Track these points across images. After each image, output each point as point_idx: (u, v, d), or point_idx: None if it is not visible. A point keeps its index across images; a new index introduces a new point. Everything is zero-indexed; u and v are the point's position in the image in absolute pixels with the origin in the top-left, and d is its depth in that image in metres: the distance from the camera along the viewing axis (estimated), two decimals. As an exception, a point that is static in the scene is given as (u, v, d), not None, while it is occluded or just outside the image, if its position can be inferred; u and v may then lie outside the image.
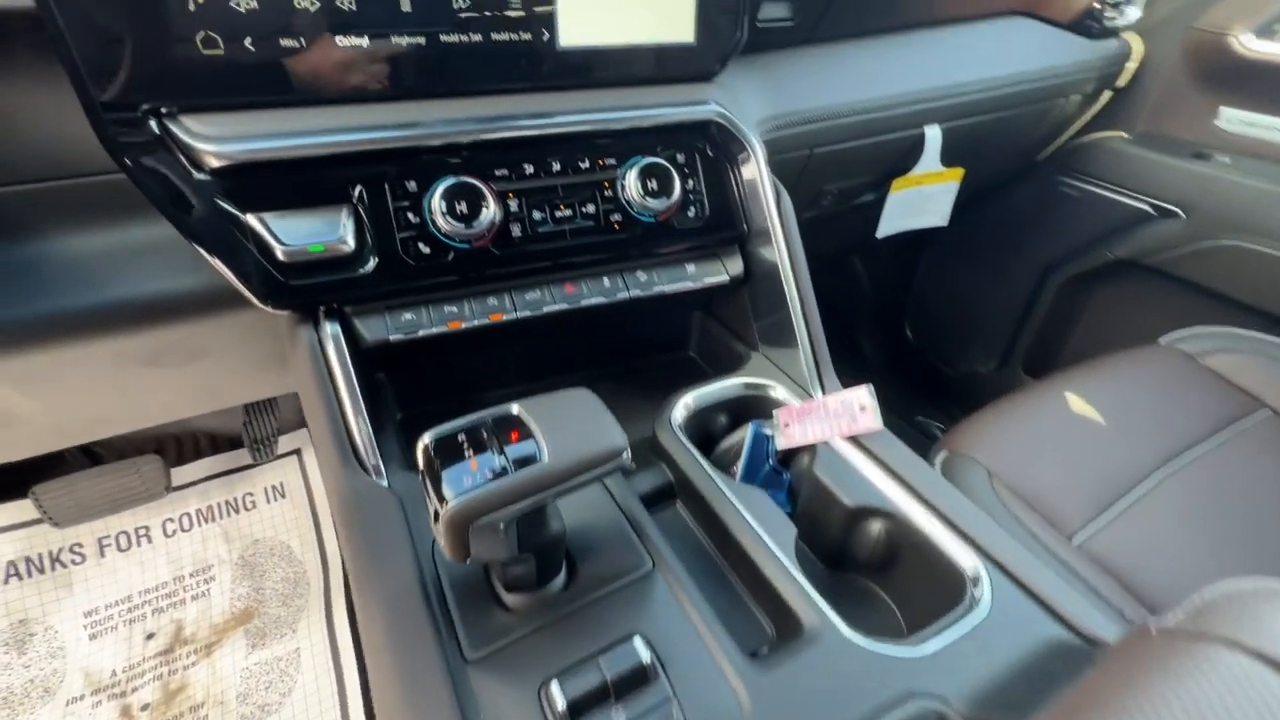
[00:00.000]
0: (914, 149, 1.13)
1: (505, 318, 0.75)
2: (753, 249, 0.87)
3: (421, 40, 0.66)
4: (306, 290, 0.67)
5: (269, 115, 0.64)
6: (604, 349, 0.96)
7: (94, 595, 1.30)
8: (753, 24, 0.85)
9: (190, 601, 1.34)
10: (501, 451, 0.47)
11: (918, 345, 2.09)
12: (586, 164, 0.77)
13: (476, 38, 0.68)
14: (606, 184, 0.78)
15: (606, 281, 0.80)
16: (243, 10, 0.60)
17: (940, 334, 2.03)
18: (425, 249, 0.71)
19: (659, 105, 0.78)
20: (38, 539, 1.28)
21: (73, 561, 1.31)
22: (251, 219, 0.65)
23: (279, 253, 0.65)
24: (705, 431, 0.80)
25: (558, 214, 0.76)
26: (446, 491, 0.44)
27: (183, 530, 1.40)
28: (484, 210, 0.71)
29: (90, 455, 1.33)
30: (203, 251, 0.64)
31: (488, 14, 0.67)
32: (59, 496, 1.21)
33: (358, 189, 0.68)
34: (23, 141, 0.65)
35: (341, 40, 0.64)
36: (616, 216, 0.79)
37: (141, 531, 1.39)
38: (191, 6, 0.58)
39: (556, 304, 0.77)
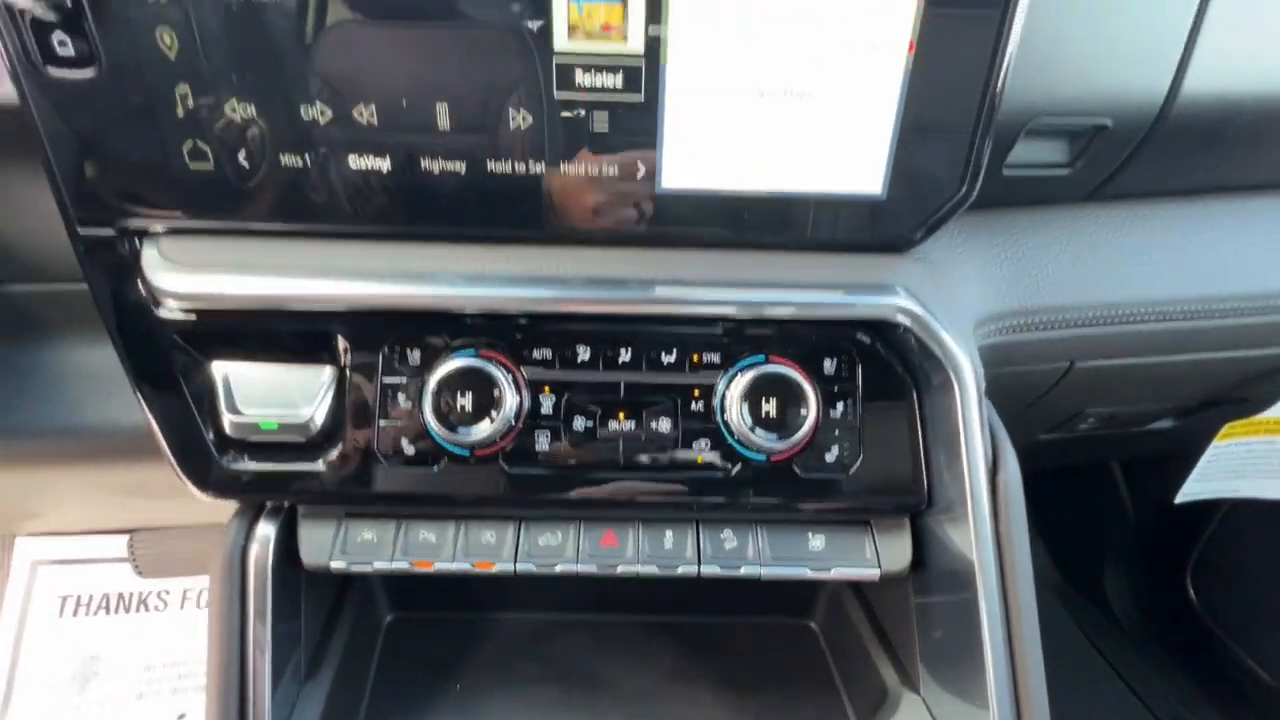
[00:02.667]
0: (1271, 375, 0.67)
1: (497, 568, 0.49)
2: (934, 527, 0.52)
3: (460, 167, 0.47)
4: (245, 481, 0.49)
5: (258, 245, 0.49)
6: (679, 589, 0.65)
7: (157, 650, 1.29)
8: (997, 172, 0.53)
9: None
10: None
11: (1206, 614, 1.39)
12: (672, 357, 0.50)
13: (537, 169, 0.47)
14: (697, 392, 0.50)
15: (669, 539, 0.51)
16: (239, 119, 0.45)
17: (1249, 607, 1.33)
18: (410, 449, 0.49)
19: (807, 287, 0.49)
20: (132, 576, 1.31)
21: (155, 608, 1.33)
22: (213, 368, 0.49)
23: (225, 423, 0.49)
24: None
25: (612, 425, 0.50)
26: None
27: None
28: (499, 405, 0.47)
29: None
30: (140, 400, 0.50)
31: (531, 128, 0.46)
32: (151, 547, 1.23)
33: (344, 351, 0.50)
34: (45, 240, 0.58)
35: (356, 161, 0.47)
36: (705, 444, 0.50)
37: (223, 592, 1.37)
38: (181, 111, 0.45)
39: (580, 562, 0.50)
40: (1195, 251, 0.60)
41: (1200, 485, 0.78)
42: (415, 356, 0.50)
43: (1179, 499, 0.79)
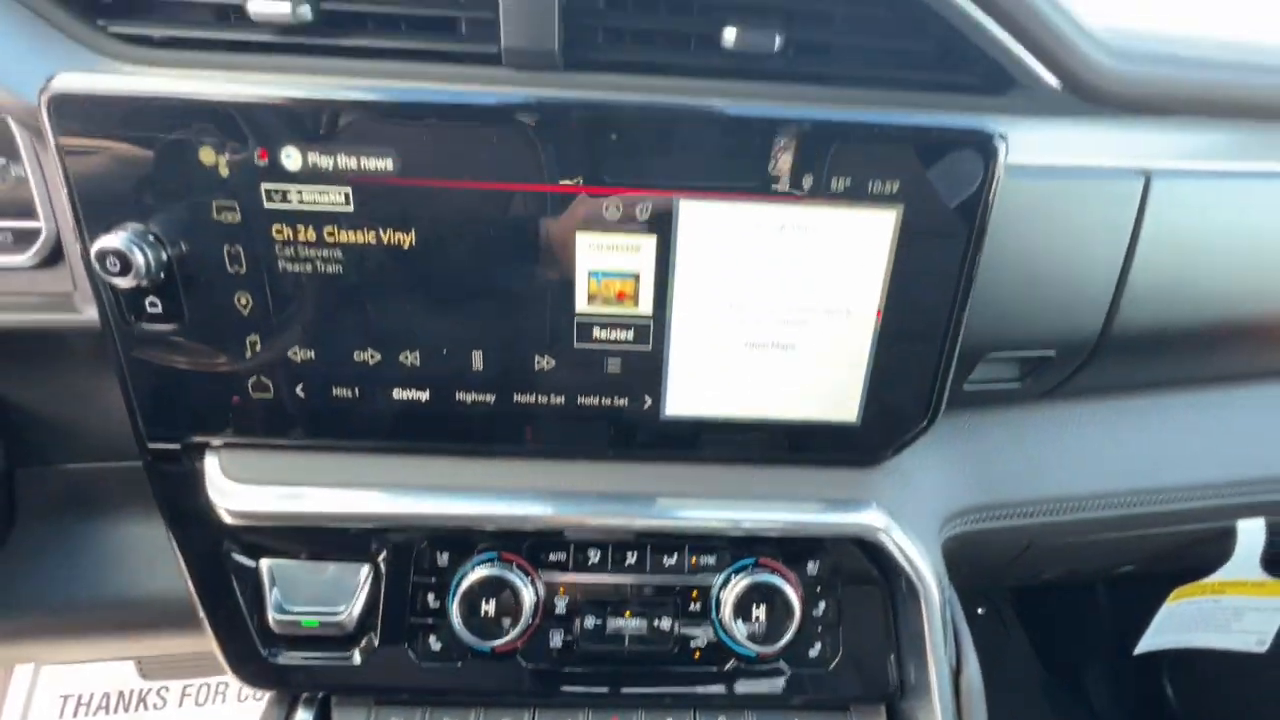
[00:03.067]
0: (1214, 545, 0.74)
1: None
2: (907, 712, 0.57)
3: (490, 399, 0.54)
4: (289, 672, 0.54)
5: (306, 459, 0.55)
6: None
7: None
8: (957, 387, 0.61)
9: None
10: None
11: (1183, 712, 1.43)
12: (672, 560, 0.57)
13: (558, 400, 0.54)
14: (695, 594, 0.56)
15: (668, 728, 0.57)
16: (298, 360, 0.52)
17: (1223, 706, 1.37)
18: (437, 645, 0.55)
19: (789, 502, 0.56)
20: (133, 675, 1.33)
21: (155, 706, 1.34)
22: (261, 566, 0.55)
23: (271, 620, 0.54)
24: None
25: (617, 622, 0.56)
26: None
27: (255, 700, 1.38)
28: (519, 610, 0.53)
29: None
30: (192, 593, 0.55)
31: (568, 376, 0.53)
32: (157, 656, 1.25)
33: (379, 552, 0.56)
34: (106, 424, 0.64)
35: (399, 394, 0.54)
36: (699, 641, 0.56)
37: (221, 687, 1.39)
38: (249, 354, 0.52)
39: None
40: (1134, 447, 0.68)
41: (1155, 639, 0.83)
42: (444, 559, 0.56)
43: (1137, 650, 0.85)
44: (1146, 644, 0.84)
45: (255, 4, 0.49)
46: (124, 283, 0.47)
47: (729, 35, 0.51)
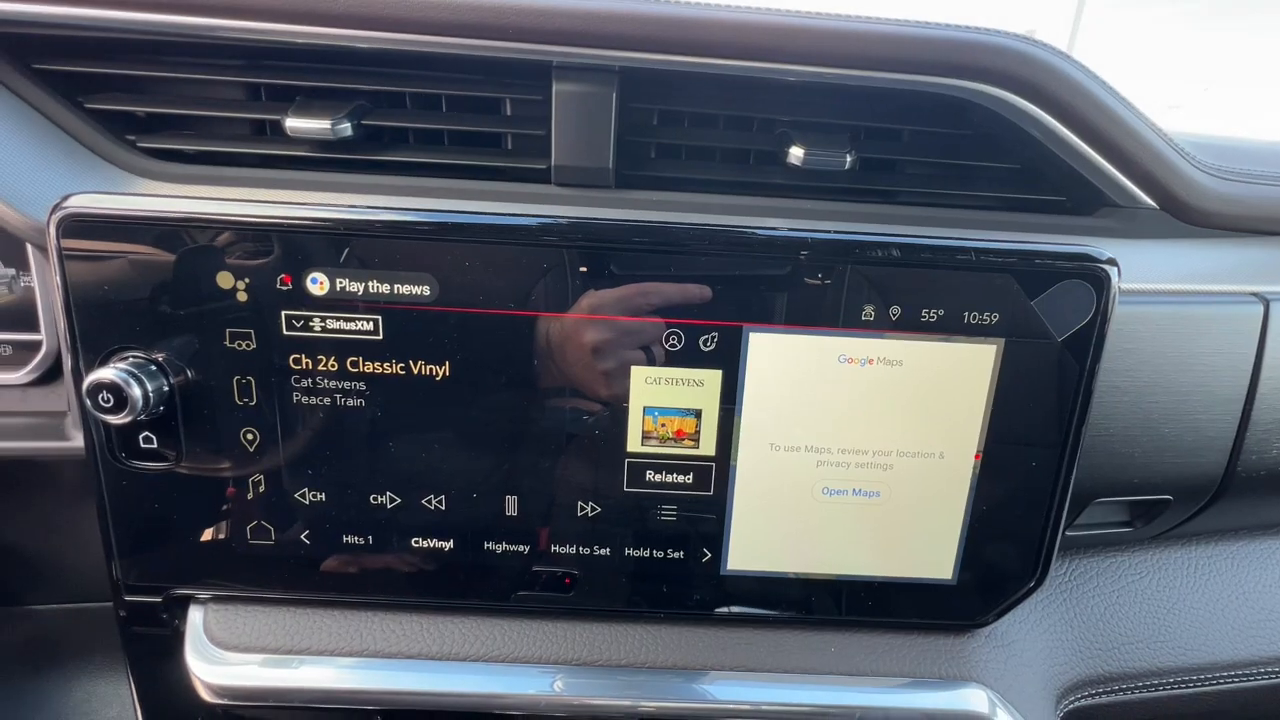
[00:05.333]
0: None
1: None
2: None
3: (524, 549, 0.46)
4: None
5: (306, 618, 0.47)
6: None
7: None
8: (1061, 538, 0.52)
9: None
10: None
11: None
12: (739, 746, 0.47)
13: (602, 552, 0.46)
14: (763, 796, 0.46)
15: None
16: (307, 503, 0.46)
17: None
18: None
19: (872, 679, 0.46)
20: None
21: None
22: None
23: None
24: None
25: (671, 835, 0.45)
26: None
27: None
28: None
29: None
30: None
31: (615, 525, 0.46)
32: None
33: (384, 737, 0.46)
34: (78, 561, 0.57)
35: (419, 542, 0.46)
36: None
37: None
38: (251, 496, 0.45)
39: None
40: (1268, 598, 0.58)
41: None
42: (460, 746, 0.46)
43: None
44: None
45: (293, 121, 0.46)
46: (117, 420, 0.41)
47: (796, 154, 0.47)
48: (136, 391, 0.41)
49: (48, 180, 0.45)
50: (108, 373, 0.40)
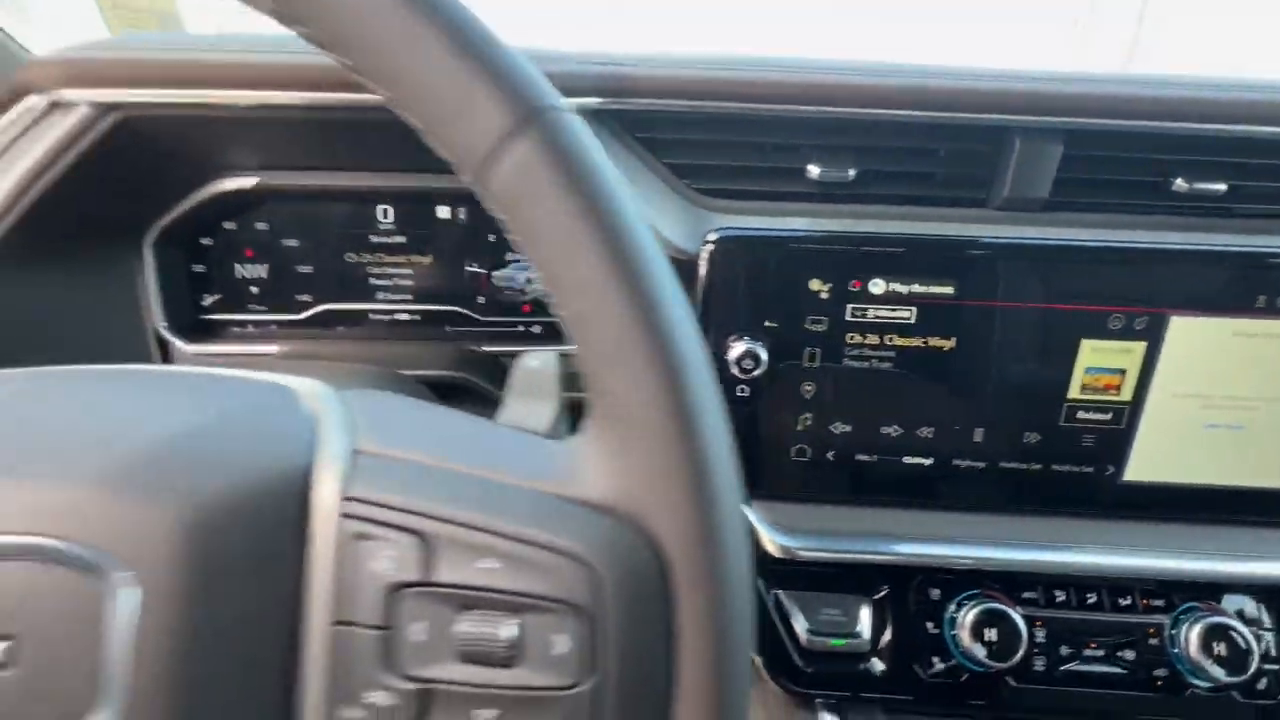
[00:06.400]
0: None
1: None
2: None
3: (982, 465, 0.68)
4: (820, 678, 0.68)
5: (828, 510, 0.70)
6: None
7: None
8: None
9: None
10: None
11: None
12: (1128, 601, 0.68)
13: (1036, 467, 0.68)
14: (1151, 630, 0.68)
15: (1133, 745, 0.67)
16: (837, 432, 0.68)
17: None
18: (939, 665, 0.67)
19: (1238, 557, 0.67)
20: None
21: None
22: (783, 596, 0.70)
23: (802, 638, 0.68)
24: None
25: (1086, 653, 0.67)
26: None
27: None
28: (1017, 640, 0.65)
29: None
30: None
31: (1043, 439, 0.67)
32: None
33: (882, 591, 0.69)
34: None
35: (908, 459, 0.68)
36: (1161, 671, 0.67)
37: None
38: (799, 427, 0.68)
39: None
40: None
41: None
42: (935, 593, 0.69)
43: None
44: None
45: (814, 167, 0.67)
46: (746, 376, 0.64)
47: (1180, 184, 0.65)
48: (763, 355, 0.63)
49: (681, 222, 0.66)
50: (742, 344, 0.63)
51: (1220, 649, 0.65)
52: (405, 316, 0.80)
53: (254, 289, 0.78)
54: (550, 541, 0.29)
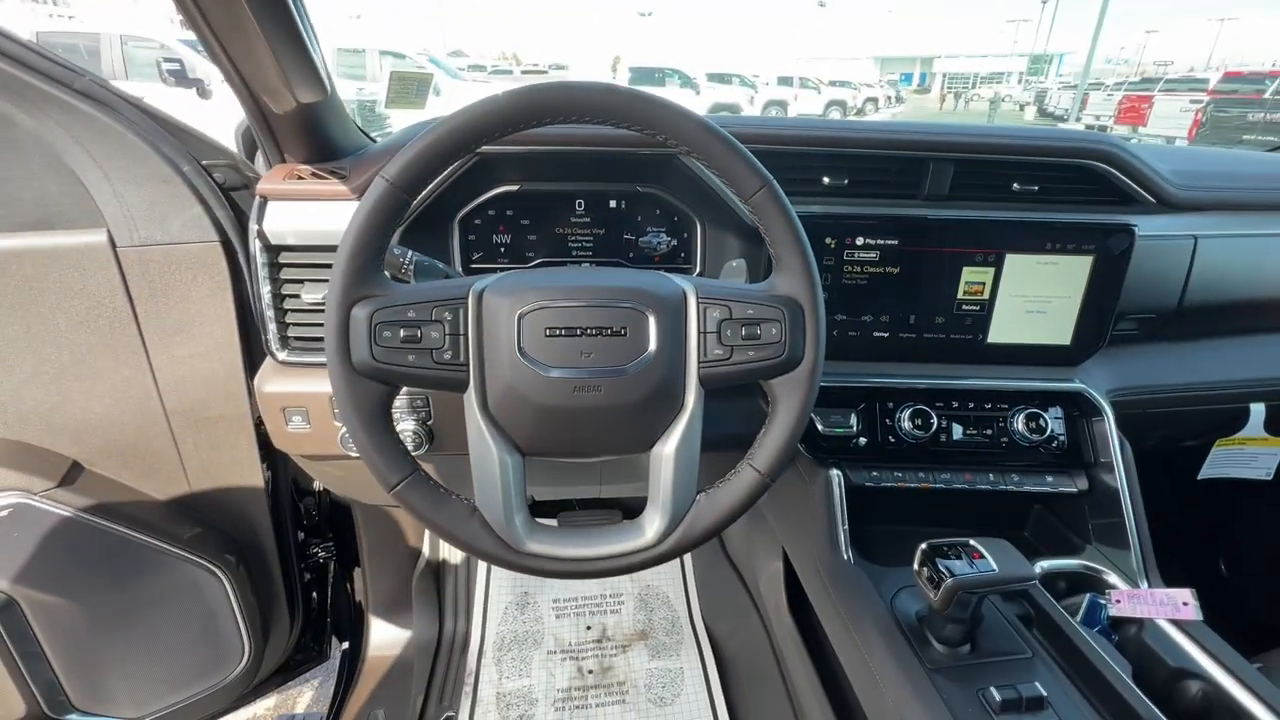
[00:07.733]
0: (1239, 418, 1.44)
1: (930, 486, 1.28)
2: (1096, 474, 1.30)
3: (914, 335, 1.29)
4: (829, 450, 1.29)
5: (836, 365, 1.31)
6: (975, 517, 1.42)
7: (558, 591, 2.06)
8: (1110, 333, 1.33)
9: (609, 614, 2.02)
10: (971, 561, 0.97)
11: (1237, 583, 2.08)
12: (990, 406, 1.30)
13: (940, 336, 1.29)
14: (1000, 420, 1.30)
15: (991, 476, 1.30)
16: (836, 319, 1.28)
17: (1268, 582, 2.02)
18: (892, 440, 1.29)
19: (1042, 379, 1.30)
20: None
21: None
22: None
23: (821, 429, 1.29)
24: (1051, 591, 1.20)
25: (968, 432, 1.29)
26: (945, 570, 0.96)
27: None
28: (931, 425, 1.27)
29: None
30: None
31: (945, 320, 1.28)
32: (568, 522, 2.01)
33: (862, 405, 1.30)
34: None
35: (876, 334, 1.29)
36: (1004, 440, 1.29)
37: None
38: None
39: (959, 484, 1.29)
40: (1206, 360, 1.40)
41: (1209, 469, 1.52)
42: (890, 404, 1.30)
43: (1199, 476, 1.54)
44: (1206, 472, 1.53)
45: (825, 179, 1.25)
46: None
47: (1034, 187, 1.25)
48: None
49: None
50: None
51: (1033, 425, 1.28)
52: (588, 265, 1.38)
53: (502, 249, 1.35)
54: (769, 300, 0.88)
